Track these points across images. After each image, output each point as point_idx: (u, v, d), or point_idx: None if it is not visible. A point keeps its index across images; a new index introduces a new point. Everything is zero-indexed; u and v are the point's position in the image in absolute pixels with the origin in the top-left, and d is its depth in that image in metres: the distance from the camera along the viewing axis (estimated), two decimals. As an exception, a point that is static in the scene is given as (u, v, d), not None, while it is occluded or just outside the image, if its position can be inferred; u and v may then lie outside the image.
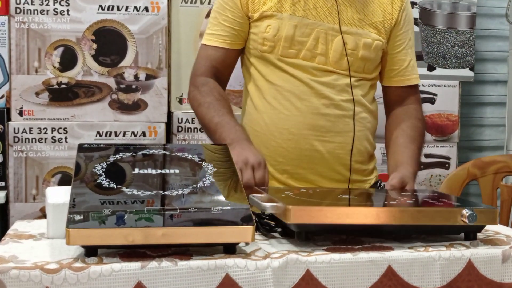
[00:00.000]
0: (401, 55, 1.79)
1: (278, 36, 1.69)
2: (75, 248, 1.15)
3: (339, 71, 1.70)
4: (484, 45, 3.03)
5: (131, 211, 1.14)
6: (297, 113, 1.68)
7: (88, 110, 2.38)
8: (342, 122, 1.70)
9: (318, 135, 1.68)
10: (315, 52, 1.69)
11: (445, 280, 1.20)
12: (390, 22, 1.75)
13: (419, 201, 1.40)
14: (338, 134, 1.70)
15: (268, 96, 1.71)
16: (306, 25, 1.69)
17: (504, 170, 2.31)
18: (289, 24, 1.68)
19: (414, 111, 1.80)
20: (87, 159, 1.34)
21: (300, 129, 1.68)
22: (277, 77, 1.71)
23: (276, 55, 1.70)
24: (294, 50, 1.69)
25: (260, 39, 1.71)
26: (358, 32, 1.71)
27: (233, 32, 1.73)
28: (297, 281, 1.14)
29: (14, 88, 2.34)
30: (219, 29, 1.74)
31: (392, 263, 1.18)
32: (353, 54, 1.70)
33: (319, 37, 1.69)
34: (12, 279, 1.05)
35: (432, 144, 2.70)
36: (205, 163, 1.37)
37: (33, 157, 2.34)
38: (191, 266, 1.10)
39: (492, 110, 3.07)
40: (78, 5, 2.35)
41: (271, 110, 1.70)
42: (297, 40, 1.69)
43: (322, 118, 1.68)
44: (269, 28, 1.69)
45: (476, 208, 1.26)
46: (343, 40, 1.69)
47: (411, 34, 1.82)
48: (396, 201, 1.39)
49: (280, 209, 1.23)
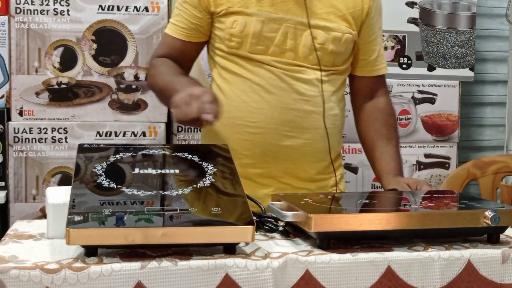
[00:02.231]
0: (371, 45, 1.76)
1: (245, 32, 1.64)
2: (75, 248, 1.15)
3: (309, 65, 1.67)
4: (484, 45, 3.03)
5: (131, 211, 1.14)
6: (266, 107, 1.65)
7: (88, 110, 2.38)
8: (311, 118, 1.67)
9: (286, 130, 1.65)
10: (284, 47, 1.66)
11: (444, 281, 1.20)
12: (361, 12, 1.71)
13: (440, 203, 1.38)
14: (307, 130, 1.67)
15: (236, 88, 1.67)
16: (273, 20, 1.64)
17: (504, 170, 2.31)
18: (256, 19, 1.64)
19: (384, 105, 1.80)
20: (87, 159, 1.34)
21: (268, 123, 1.65)
22: (246, 71, 1.67)
23: (244, 51, 1.66)
24: (262, 46, 1.65)
25: (227, 35, 1.66)
26: (328, 25, 1.67)
27: (191, 26, 1.70)
28: (296, 281, 1.14)
29: (14, 88, 2.34)
30: (178, 20, 1.71)
31: (392, 263, 1.18)
32: (323, 49, 1.67)
33: (287, 32, 1.65)
34: (12, 279, 1.05)
35: (432, 144, 2.70)
36: (205, 163, 1.37)
37: (33, 157, 2.34)
38: (191, 266, 1.10)
39: (492, 110, 3.07)
40: (78, 5, 2.34)
41: (239, 102, 1.66)
42: (265, 36, 1.64)
43: (291, 113, 1.66)
44: (236, 24, 1.65)
45: (498, 209, 1.25)
46: (311, 34, 1.65)
47: (380, 23, 1.79)
48: (417, 205, 1.38)
49: (301, 217, 1.23)
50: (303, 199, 1.38)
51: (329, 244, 1.21)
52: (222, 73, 1.71)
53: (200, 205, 1.20)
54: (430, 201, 1.40)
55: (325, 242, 1.21)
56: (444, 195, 1.47)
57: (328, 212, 1.28)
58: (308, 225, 1.19)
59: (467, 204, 1.35)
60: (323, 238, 1.21)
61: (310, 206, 1.31)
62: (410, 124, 2.68)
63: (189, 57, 1.76)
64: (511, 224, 1.28)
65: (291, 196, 1.45)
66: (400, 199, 1.48)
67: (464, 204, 1.36)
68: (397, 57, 2.65)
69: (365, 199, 1.44)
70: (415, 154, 2.67)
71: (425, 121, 2.69)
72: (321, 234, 1.20)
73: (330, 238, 1.21)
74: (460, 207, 1.34)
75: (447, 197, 1.45)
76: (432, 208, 1.31)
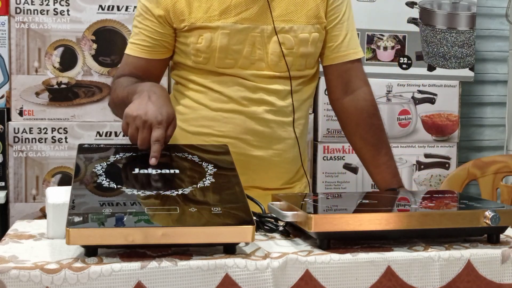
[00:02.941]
0: (334, 30, 1.68)
1: (212, 47, 1.59)
2: (75, 248, 1.15)
3: (279, 73, 1.63)
4: (484, 45, 3.03)
5: (131, 211, 1.14)
6: (236, 117, 1.62)
7: (88, 110, 2.38)
8: (282, 129, 1.65)
9: (257, 141, 1.63)
10: (253, 58, 1.61)
11: (444, 281, 1.20)
12: (324, 2, 1.65)
13: (440, 203, 1.38)
14: (277, 140, 1.65)
15: (205, 99, 1.64)
16: (239, 31, 1.59)
17: (504, 170, 2.31)
18: (222, 33, 1.59)
19: (363, 102, 1.70)
20: (87, 159, 1.34)
21: (238, 133, 1.62)
22: (215, 83, 1.63)
23: (212, 66, 1.62)
24: (231, 60, 1.61)
25: (193, 50, 1.61)
26: (293, 28, 1.62)
27: (154, 43, 1.64)
28: (296, 281, 1.14)
29: (14, 88, 2.34)
30: (140, 39, 1.65)
31: (392, 263, 1.18)
32: (292, 53, 1.63)
33: (254, 42, 1.61)
34: (12, 279, 1.05)
35: (432, 144, 2.70)
36: (205, 163, 1.37)
37: (33, 157, 2.34)
38: (191, 266, 1.10)
39: (492, 110, 3.07)
40: (78, 5, 2.35)
41: (208, 112, 1.64)
42: (232, 49, 1.60)
43: (262, 123, 1.63)
44: (201, 39, 1.60)
45: (498, 209, 1.25)
46: (278, 41, 1.61)
47: (345, 7, 1.70)
48: (417, 205, 1.38)
49: (301, 217, 1.23)
50: (303, 199, 1.38)
51: (329, 244, 1.21)
52: (187, 84, 1.67)
53: (200, 205, 1.20)
54: (430, 201, 1.40)
55: (325, 242, 1.21)
56: (444, 195, 1.47)
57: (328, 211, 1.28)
58: (308, 225, 1.19)
59: (467, 204, 1.35)
60: (323, 238, 1.21)
61: (310, 206, 1.31)
62: (410, 124, 2.68)
63: (155, 74, 1.69)
64: (511, 224, 1.28)
65: (291, 196, 1.45)
66: (400, 199, 1.48)
67: (464, 204, 1.36)
68: (397, 57, 2.66)
69: (364, 199, 1.44)
70: (415, 154, 2.67)
71: (425, 121, 2.69)
72: (321, 234, 1.20)
73: (330, 238, 1.21)
74: (460, 207, 1.34)
75: (447, 197, 1.45)
76: (432, 208, 1.31)
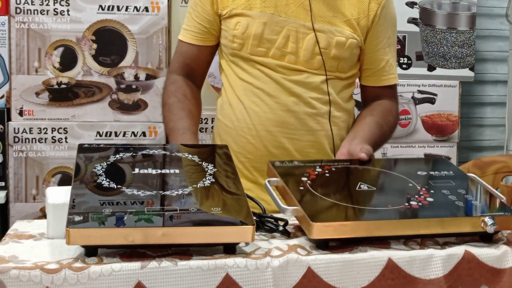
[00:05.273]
0: (378, 54, 1.74)
1: (247, 34, 1.66)
2: (75, 248, 1.15)
3: (310, 70, 1.67)
4: (484, 45, 3.03)
5: (131, 211, 1.14)
6: (267, 110, 1.66)
7: (88, 110, 2.38)
8: (313, 120, 1.67)
9: (287, 133, 1.66)
10: (285, 50, 1.66)
11: (446, 269, 1.21)
12: (367, 19, 1.69)
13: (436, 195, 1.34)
14: (308, 132, 1.67)
15: (239, 92, 1.69)
16: (276, 22, 1.65)
17: (504, 170, 2.31)
18: (258, 21, 1.65)
19: (389, 105, 1.77)
20: (87, 159, 1.34)
21: (268, 126, 1.66)
22: (247, 74, 1.68)
23: (245, 53, 1.68)
24: (263, 48, 1.66)
25: (230, 36, 1.68)
26: (331, 29, 1.66)
27: (204, 29, 1.73)
28: (299, 279, 1.14)
29: (14, 88, 2.34)
30: (192, 25, 1.74)
31: (393, 256, 1.19)
32: (325, 53, 1.66)
33: (289, 35, 1.65)
34: (12, 279, 1.05)
35: (432, 144, 2.70)
36: (205, 163, 1.37)
37: (33, 157, 2.34)
38: (191, 266, 1.10)
39: (492, 110, 3.07)
40: (78, 5, 2.35)
41: (241, 106, 1.69)
42: (266, 38, 1.65)
43: (291, 115, 1.66)
44: (238, 26, 1.66)
45: (496, 216, 1.25)
46: (316, 38, 1.65)
47: (390, 32, 1.77)
48: (416, 201, 1.32)
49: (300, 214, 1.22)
50: (300, 181, 1.33)
51: (327, 245, 1.21)
52: (227, 76, 1.73)
53: (200, 205, 1.20)
54: (426, 192, 1.35)
55: (324, 244, 1.21)
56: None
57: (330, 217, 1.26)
58: (309, 231, 1.19)
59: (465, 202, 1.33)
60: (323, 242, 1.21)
61: (308, 202, 1.27)
62: (410, 124, 2.68)
63: (204, 62, 1.79)
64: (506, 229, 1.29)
65: (286, 169, 1.40)
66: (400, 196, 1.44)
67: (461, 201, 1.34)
68: (397, 57, 2.65)
69: (362, 183, 1.37)
70: (415, 154, 2.67)
71: (425, 121, 2.69)
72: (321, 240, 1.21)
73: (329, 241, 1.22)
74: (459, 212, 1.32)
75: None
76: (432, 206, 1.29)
